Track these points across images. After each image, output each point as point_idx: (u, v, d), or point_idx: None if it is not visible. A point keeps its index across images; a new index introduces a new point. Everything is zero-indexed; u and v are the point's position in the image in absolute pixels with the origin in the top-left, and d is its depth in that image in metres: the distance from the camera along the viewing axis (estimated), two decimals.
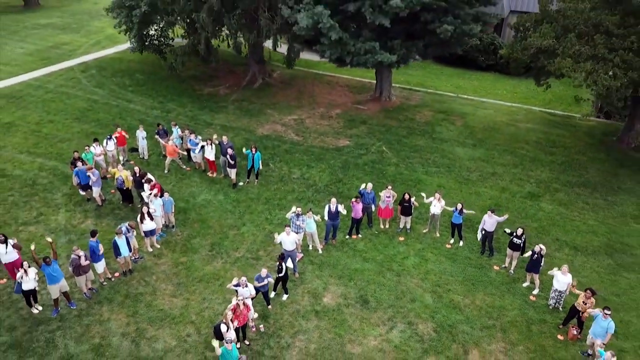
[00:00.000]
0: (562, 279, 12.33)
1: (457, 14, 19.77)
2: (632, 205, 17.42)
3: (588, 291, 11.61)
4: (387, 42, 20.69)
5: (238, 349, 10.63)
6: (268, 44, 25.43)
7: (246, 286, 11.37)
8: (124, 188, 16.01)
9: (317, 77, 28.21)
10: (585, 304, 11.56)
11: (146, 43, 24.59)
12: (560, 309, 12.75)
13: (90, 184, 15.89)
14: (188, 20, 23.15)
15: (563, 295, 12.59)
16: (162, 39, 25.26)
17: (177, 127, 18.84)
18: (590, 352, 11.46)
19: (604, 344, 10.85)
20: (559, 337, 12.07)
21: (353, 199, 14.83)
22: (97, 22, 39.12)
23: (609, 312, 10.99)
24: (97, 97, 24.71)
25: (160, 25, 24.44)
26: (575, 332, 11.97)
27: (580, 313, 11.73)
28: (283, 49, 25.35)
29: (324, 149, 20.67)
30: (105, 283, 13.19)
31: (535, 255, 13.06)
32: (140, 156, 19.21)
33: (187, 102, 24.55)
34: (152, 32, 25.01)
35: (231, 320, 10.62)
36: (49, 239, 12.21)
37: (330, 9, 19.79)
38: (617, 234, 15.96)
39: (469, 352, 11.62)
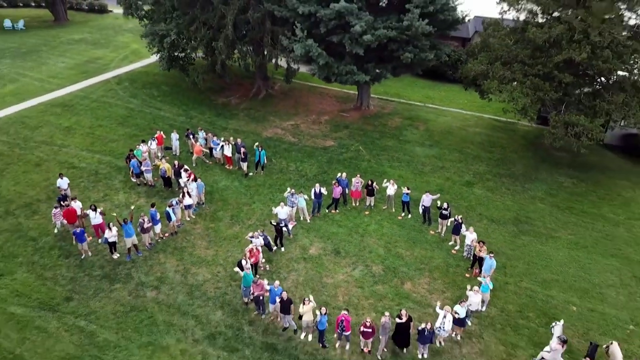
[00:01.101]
0: (469, 236, 18.31)
1: (416, 44, 25.65)
2: (541, 190, 23.37)
3: (480, 242, 17.59)
4: (363, 65, 26.59)
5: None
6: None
7: (257, 238, 17.37)
8: (166, 176, 21.98)
9: (311, 89, 34.18)
10: (480, 251, 17.52)
11: (173, 63, 30.47)
12: (471, 258, 18.65)
13: (143, 170, 21.89)
14: (207, 46, 28.99)
15: (472, 248, 18.49)
16: (186, 59, 31.14)
17: (203, 131, 24.84)
18: (483, 282, 17.38)
19: (489, 275, 16.78)
20: (466, 275, 18.01)
21: (333, 183, 20.90)
22: (122, 37, 45.07)
23: (492, 255, 16.97)
24: (133, 105, 30.68)
25: (185, 49, 30.21)
26: (477, 271, 17.93)
27: (478, 258, 17.70)
28: (283, 62, 30.95)
29: (314, 148, 26.62)
30: (159, 240, 19.17)
31: (456, 222, 19.03)
32: (173, 153, 25.12)
33: (206, 110, 30.52)
34: (177, 53, 30.79)
35: (248, 257, 16.61)
36: (132, 207, 18.31)
37: (319, 39, 25.80)
38: (525, 210, 21.92)
39: (405, 283, 17.60)
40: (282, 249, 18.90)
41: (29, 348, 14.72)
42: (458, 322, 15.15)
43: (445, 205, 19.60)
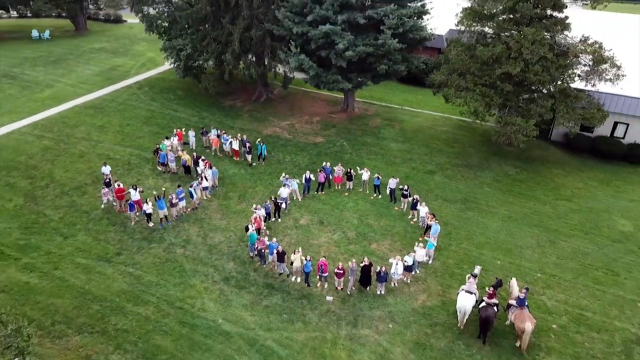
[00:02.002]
0: (422, 210, 23.83)
1: (390, 58, 31.14)
2: (489, 177, 28.85)
3: (432, 215, 23.09)
4: (347, 75, 32.10)
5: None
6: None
7: (260, 209, 22.90)
8: (187, 165, 27.49)
9: (305, 93, 39.72)
10: (430, 220, 23.01)
11: (188, 71, 35.98)
12: (425, 227, 24.08)
13: (166, 162, 27.43)
14: (217, 58, 34.51)
15: (425, 219, 23.95)
16: (199, 69, 36.64)
17: (215, 128, 30.37)
18: (429, 242, 22.70)
19: (434, 237, 22.27)
20: (420, 239, 23.48)
21: (319, 171, 26.42)
22: (138, 46, 50.60)
23: (437, 221, 22.48)
24: (154, 108, 36.19)
25: (197, 60, 35.71)
26: (428, 235, 23.39)
27: (429, 225, 23.19)
28: (281, 70, 36.37)
29: (306, 143, 32.13)
30: (184, 213, 24.67)
31: (414, 200, 24.54)
32: (190, 147, 30.59)
33: (215, 111, 36.05)
34: (191, 63, 36.25)
35: (253, 223, 22.12)
36: (163, 188, 23.79)
37: (310, 54, 31.37)
38: (473, 192, 27.42)
39: (372, 244, 23.11)
40: (279, 219, 24.44)
41: (94, 285, 20.26)
42: (407, 269, 20.65)
43: (405, 187, 25.17)
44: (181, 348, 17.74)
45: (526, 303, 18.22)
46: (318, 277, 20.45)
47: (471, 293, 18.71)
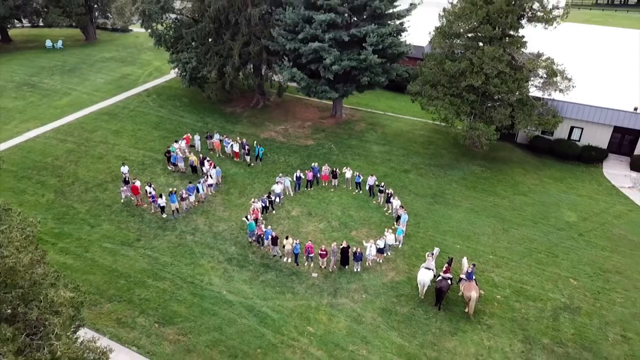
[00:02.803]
0: (395, 202, 28.05)
1: (372, 70, 35.35)
2: (457, 175, 33.07)
3: (402, 207, 27.31)
4: (334, 85, 36.32)
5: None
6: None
7: (257, 202, 27.10)
8: (194, 165, 31.68)
9: (298, 100, 43.91)
10: (401, 211, 27.23)
11: (193, 81, 40.13)
12: (397, 217, 28.29)
13: (176, 162, 31.62)
14: (219, 70, 38.69)
15: (397, 210, 28.15)
16: (202, 79, 40.78)
17: (218, 133, 34.57)
18: (398, 228, 26.94)
19: (403, 224, 26.48)
20: (392, 227, 27.64)
21: (308, 170, 30.63)
22: (144, 55, 54.68)
23: (405, 210, 26.71)
24: (162, 114, 40.35)
25: (201, 71, 39.86)
26: (398, 223, 27.63)
27: (399, 215, 27.41)
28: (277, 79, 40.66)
29: (298, 146, 36.32)
30: (192, 206, 28.84)
31: (388, 195, 28.77)
32: (196, 149, 34.76)
33: (217, 117, 40.22)
34: (195, 74, 40.37)
35: (251, 214, 26.31)
36: (175, 188, 27.97)
37: (301, 67, 35.58)
38: (442, 188, 31.64)
39: (352, 231, 27.31)
40: (274, 212, 28.65)
41: (120, 265, 24.44)
42: (379, 251, 24.86)
43: (382, 184, 29.43)
44: (193, 313, 21.95)
45: (473, 277, 22.43)
46: (305, 257, 24.64)
47: (429, 269, 22.92)
